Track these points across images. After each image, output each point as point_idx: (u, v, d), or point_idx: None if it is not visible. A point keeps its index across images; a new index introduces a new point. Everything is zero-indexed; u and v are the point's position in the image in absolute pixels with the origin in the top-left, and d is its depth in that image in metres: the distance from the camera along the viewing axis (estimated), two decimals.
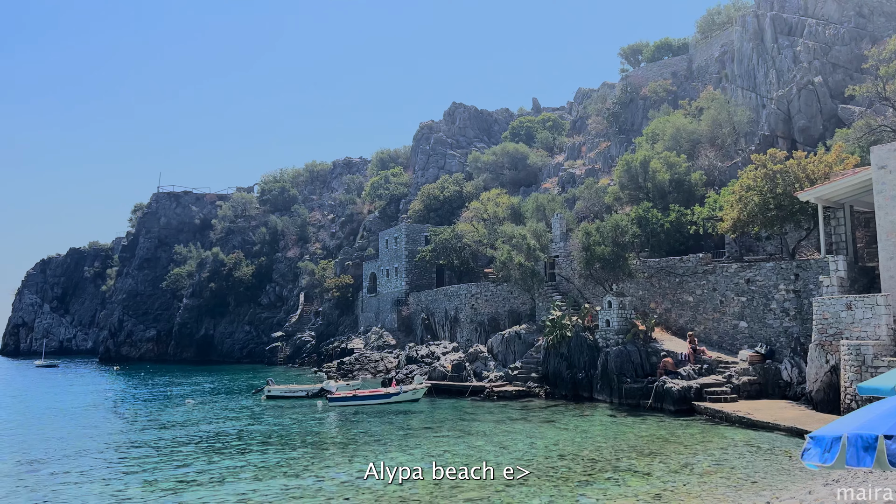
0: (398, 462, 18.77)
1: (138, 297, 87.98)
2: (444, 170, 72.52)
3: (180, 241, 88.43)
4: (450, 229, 54.95)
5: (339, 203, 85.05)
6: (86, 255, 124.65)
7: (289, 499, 15.00)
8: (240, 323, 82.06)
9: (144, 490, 16.25)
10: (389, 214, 72.70)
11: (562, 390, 32.30)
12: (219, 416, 30.23)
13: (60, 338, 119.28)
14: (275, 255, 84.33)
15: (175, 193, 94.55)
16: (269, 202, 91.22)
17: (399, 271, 59.84)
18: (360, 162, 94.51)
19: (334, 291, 69.67)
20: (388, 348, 55.32)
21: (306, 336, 69.60)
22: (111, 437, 25.14)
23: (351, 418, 28.73)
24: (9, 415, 32.56)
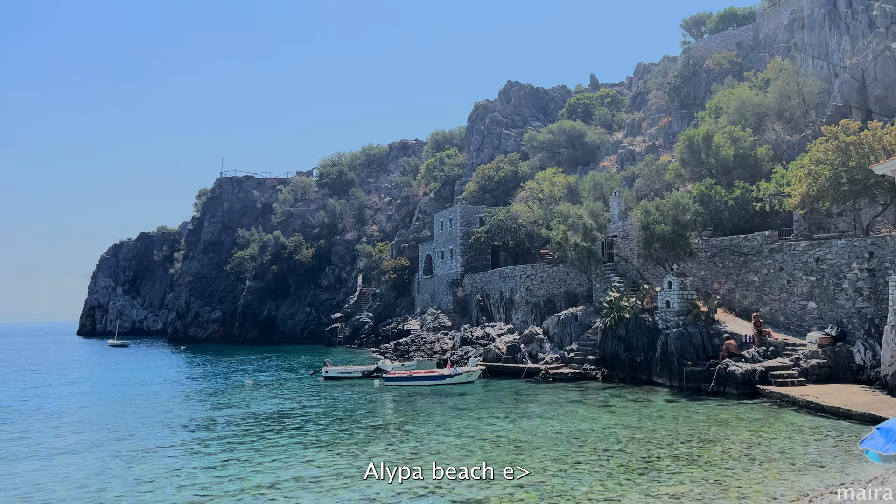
0: (441, 445, 18.67)
1: (204, 279, 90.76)
2: (499, 150, 71.74)
3: (243, 225, 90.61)
4: (505, 210, 54.38)
5: (394, 185, 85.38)
6: (155, 239, 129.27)
7: (341, 477, 15.07)
8: (301, 304, 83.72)
9: (205, 466, 16.63)
10: (444, 196, 72.53)
11: (619, 373, 31.62)
12: (278, 395, 30.83)
13: (132, 319, 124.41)
14: (333, 238, 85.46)
15: (237, 178, 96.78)
16: (327, 186, 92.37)
17: (454, 253, 59.70)
18: (415, 144, 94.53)
19: (391, 273, 70.14)
20: (443, 330, 55.41)
21: (364, 317, 70.44)
22: (175, 415, 25.93)
23: (406, 398, 28.84)
24: (84, 392, 34.03)
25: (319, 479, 15.08)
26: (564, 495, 13.35)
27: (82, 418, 25.20)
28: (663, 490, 13.71)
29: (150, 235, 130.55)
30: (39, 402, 30.16)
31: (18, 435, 21.52)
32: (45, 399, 31.08)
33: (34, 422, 24.27)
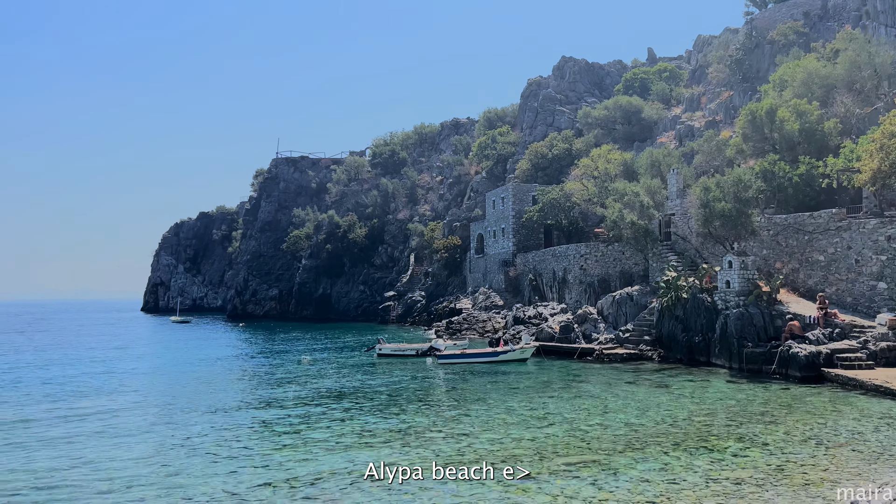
0: (494, 422, 18.69)
1: (261, 258, 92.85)
2: (553, 127, 70.73)
3: (298, 205, 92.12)
4: (558, 188, 53.70)
5: (446, 164, 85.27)
6: (214, 218, 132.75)
7: (400, 454, 15.27)
8: (355, 283, 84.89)
9: (263, 440, 17.09)
10: (496, 174, 72.08)
11: (676, 354, 31.04)
12: (333, 372, 31.41)
13: (193, 296, 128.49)
14: (386, 217, 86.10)
15: (293, 159, 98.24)
16: (379, 165, 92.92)
17: (506, 232, 59.39)
18: (467, 122, 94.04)
19: (443, 252, 70.34)
20: (495, 309, 55.36)
21: (417, 296, 70.96)
22: (235, 389, 26.71)
23: (459, 376, 28.99)
24: (149, 367, 35.37)
25: (374, 448, 15.31)
26: (620, 476, 13.21)
27: (147, 392, 26.20)
28: (724, 474, 13.42)
29: (210, 215, 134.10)
30: (108, 375, 31.48)
31: (87, 408, 22.52)
32: (112, 373, 32.42)
33: (102, 395, 25.35)
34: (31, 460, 15.04)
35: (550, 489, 12.39)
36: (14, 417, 20.26)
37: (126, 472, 13.93)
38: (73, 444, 16.63)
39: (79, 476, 13.72)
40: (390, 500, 11.86)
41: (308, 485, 12.86)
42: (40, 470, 14.19)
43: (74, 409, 21.86)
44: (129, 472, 13.94)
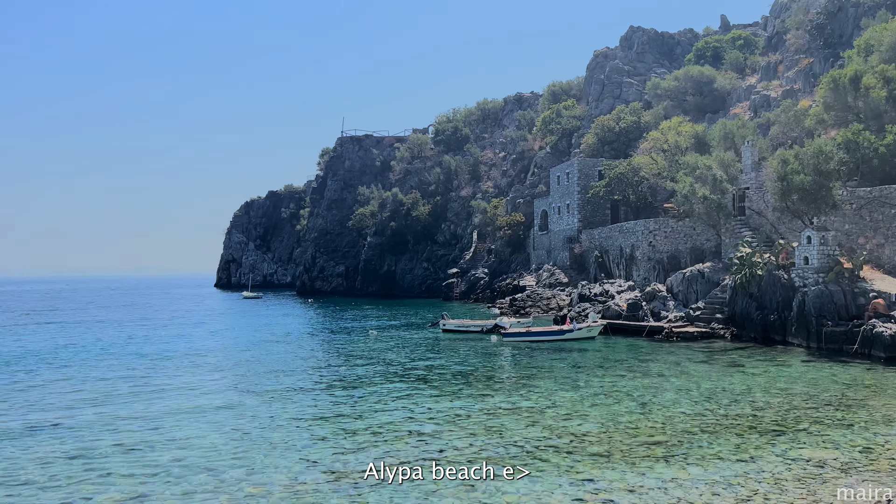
0: (560, 399, 18.54)
1: (328, 235, 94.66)
2: (620, 99, 68.92)
3: (363, 183, 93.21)
4: (626, 162, 52.44)
5: (510, 140, 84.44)
6: (282, 197, 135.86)
7: (462, 428, 15.36)
8: (418, 260, 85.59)
9: (332, 413, 17.48)
10: (561, 150, 70.94)
11: (749, 332, 30.06)
12: (399, 346, 31.83)
13: (264, 272, 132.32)
14: (449, 195, 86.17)
15: (357, 137, 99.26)
16: (442, 142, 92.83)
17: (571, 208, 58.51)
18: (531, 97, 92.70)
19: (506, 229, 69.95)
20: (559, 286, 54.81)
21: (480, 273, 70.96)
22: (306, 363, 27.40)
23: (525, 353, 28.90)
24: (224, 341, 36.67)
25: (439, 423, 15.44)
26: (693, 455, 12.91)
27: (223, 366, 27.16)
28: (804, 454, 12.94)
29: (278, 194, 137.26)
30: (186, 349, 32.79)
31: (167, 379, 23.52)
32: (190, 346, 33.75)
33: (180, 368, 26.43)
34: (116, 430, 15.83)
35: (621, 468, 12.22)
36: (98, 389, 21.36)
37: (203, 443, 14.48)
38: (152, 415, 17.42)
39: (158, 445, 14.36)
40: (460, 475, 11.94)
41: (377, 458, 13.08)
42: (124, 439, 14.92)
43: (155, 381, 22.87)
44: (207, 443, 14.49)
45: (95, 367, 25.58)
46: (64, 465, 12.62)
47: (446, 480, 11.57)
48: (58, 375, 23.62)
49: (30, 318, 52.97)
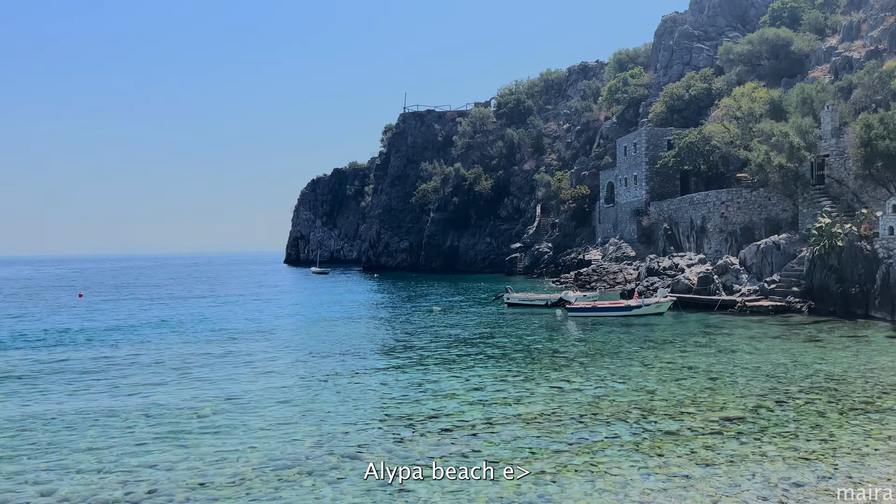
0: (627, 373, 18.23)
1: (392, 211, 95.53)
2: (690, 66, 66.43)
3: (425, 158, 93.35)
4: (696, 131, 50.67)
5: (574, 111, 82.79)
6: (347, 174, 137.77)
7: (526, 402, 15.33)
8: (481, 235, 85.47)
9: (398, 386, 17.74)
10: (628, 120, 69.09)
11: (828, 306, 28.80)
12: (463, 321, 31.96)
13: (331, 249, 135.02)
14: (512, 168, 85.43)
15: (419, 113, 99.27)
16: (505, 115, 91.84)
17: (638, 179, 57.10)
18: (596, 66, 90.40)
19: (570, 203, 68.96)
20: (626, 260, 53.80)
21: (543, 247, 70.35)
22: (373, 337, 27.87)
23: (591, 328, 28.56)
24: (294, 315, 37.68)
25: (507, 395, 15.44)
26: (768, 432, 12.49)
27: (293, 340, 27.90)
28: (886, 433, 12.33)
29: (343, 171, 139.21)
30: (257, 323, 33.85)
31: (242, 355, 24.34)
32: (262, 321, 34.82)
33: (253, 341, 27.31)
34: (195, 398, 16.51)
35: (693, 444, 11.95)
36: (174, 359, 22.31)
37: (274, 413, 14.94)
38: (227, 384, 18.07)
39: (232, 412, 14.90)
40: (521, 448, 11.94)
41: (437, 432, 13.21)
42: (200, 407, 15.54)
43: (229, 352, 23.71)
44: (277, 413, 14.94)
45: (173, 343, 26.70)
46: (151, 439, 13.24)
47: (512, 458, 11.59)
48: (139, 350, 24.78)
49: (111, 296, 55.71)
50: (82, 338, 27.80)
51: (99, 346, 25.54)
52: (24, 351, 24.49)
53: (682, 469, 10.69)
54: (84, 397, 16.64)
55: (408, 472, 10.60)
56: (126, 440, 12.79)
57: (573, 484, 10.14)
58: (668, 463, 10.99)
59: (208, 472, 10.86)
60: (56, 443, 12.70)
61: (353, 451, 11.91)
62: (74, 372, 20.11)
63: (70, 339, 27.61)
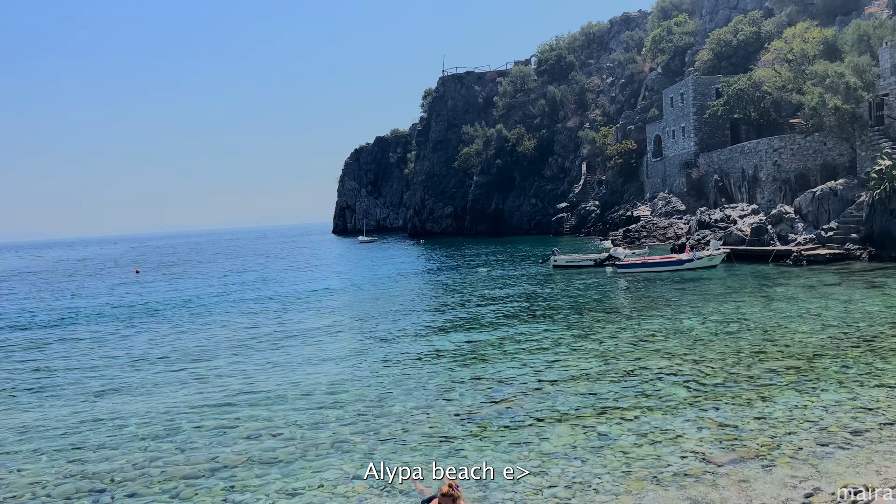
0: (683, 328, 17.96)
1: (435, 177, 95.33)
2: (738, 10, 63.71)
3: (466, 122, 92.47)
4: (745, 77, 48.79)
5: (617, 64, 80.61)
6: (389, 142, 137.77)
7: (584, 361, 15.29)
8: (526, 196, 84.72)
9: (447, 349, 17.91)
10: (674, 69, 66.95)
11: (890, 252, 27.73)
12: (512, 283, 31.92)
13: (377, 217, 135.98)
14: (555, 127, 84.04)
15: (458, 75, 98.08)
16: (546, 73, 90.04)
17: (686, 131, 55.50)
18: (639, 16, 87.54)
19: (617, 158, 67.61)
20: (676, 214, 52.69)
21: (590, 206, 69.39)
22: (421, 301, 28.11)
23: (641, 285, 28.19)
24: (345, 283, 38.25)
25: (557, 357, 15.44)
26: (825, 381, 12.19)
27: (345, 307, 28.35)
28: None
29: (385, 139, 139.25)
30: (310, 291, 34.48)
31: (294, 320, 24.86)
32: (315, 289, 35.44)
33: (306, 310, 27.85)
34: (246, 375, 17.00)
35: (748, 395, 11.76)
36: (230, 331, 22.95)
37: (326, 379, 15.28)
38: (286, 361, 18.54)
39: (284, 385, 15.31)
40: (575, 405, 11.95)
41: (486, 392, 13.30)
42: (253, 380, 15.99)
43: (282, 322, 24.26)
44: (329, 379, 15.27)
45: (231, 314, 27.44)
46: (210, 411, 13.71)
47: (567, 418, 11.63)
48: (197, 322, 25.55)
49: (167, 270, 57.44)
50: (177, 311, 28.82)
51: (158, 319, 26.42)
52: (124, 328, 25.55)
53: (738, 420, 10.54)
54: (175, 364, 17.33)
55: (459, 433, 10.75)
56: (188, 417, 13.28)
57: (624, 435, 10.12)
58: (722, 415, 10.85)
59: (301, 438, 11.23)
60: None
61: (419, 416, 12.13)
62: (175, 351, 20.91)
63: (153, 312, 28.64)
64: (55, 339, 23.02)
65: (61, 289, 44.17)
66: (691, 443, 9.77)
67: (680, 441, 9.85)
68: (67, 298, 37.14)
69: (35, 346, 21.68)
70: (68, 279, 53.85)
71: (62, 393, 15.08)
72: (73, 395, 14.78)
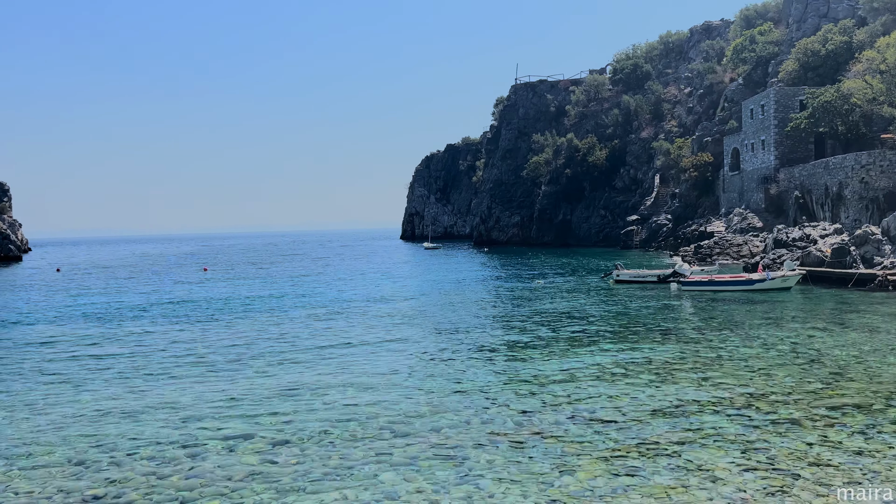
0: (743, 355, 16.50)
1: (503, 185, 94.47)
2: (827, 18, 60.22)
3: (537, 130, 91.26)
4: (833, 89, 45.88)
5: (696, 74, 77.76)
6: (460, 150, 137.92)
7: (629, 386, 14.19)
8: (595, 207, 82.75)
9: (493, 361, 17.10)
10: (755, 80, 63.92)
11: None
12: (566, 296, 30.74)
13: (444, 224, 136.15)
14: (628, 137, 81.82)
15: (531, 84, 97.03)
16: (621, 82, 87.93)
17: (766, 144, 52.70)
18: (720, 25, 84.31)
19: (692, 171, 65.03)
20: (752, 231, 50.03)
21: (662, 219, 66.99)
22: (476, 311, 27.34)
23: (706, 305, 26.54)
24: (407, 288, 37.94)
25: (603, 378, 14.37)
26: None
27: (404, 312, 27.91)
28: None
29: (456, 147, 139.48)
30: (373, 296, 34.29)
31: (357, 324, 24.56)
32: (377, 294, 35.25)
33: (368, 315, 27.56)
34: (311, 373, 16.65)
35: (807, 436, 10.45)
36: (288, 332, 22.81)
37: (386, 382, 14.72)
38: (340, 358, 18.16)
39: (346, 385, 14.84)
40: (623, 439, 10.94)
41: (521, 412, 12.41)
42: (316, 384, 15.61)
43: (344, 326, 24.00)
44: (390, 382, 14.70)
45: (296, 316, 27.45)
46: (278, 400, 13.38)
47: (599, 447, 10.65)
48: (266, 321, 25.62)
49: (239, 270, 58.77)
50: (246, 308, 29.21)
51: (227, 318, 26.69)
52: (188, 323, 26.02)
53: (791, 465, 9.31)
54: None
55: (480, 457, 9.95)
56: (259, 406, 12.98)
57: (659, 474, 9.06)
58: (774, 457, 9.62)
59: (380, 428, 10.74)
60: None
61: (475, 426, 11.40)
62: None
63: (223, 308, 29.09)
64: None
65: (158, 280, 45.73)
66: (730, 487, 8.63)
67: (719, 483, 8.73)
68: (177, 289, 38.29)
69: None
70: (170, 270, 55.86)
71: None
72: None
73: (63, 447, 10.89)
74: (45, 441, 11.24)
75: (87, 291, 39.37)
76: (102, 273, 57.35)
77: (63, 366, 17.64)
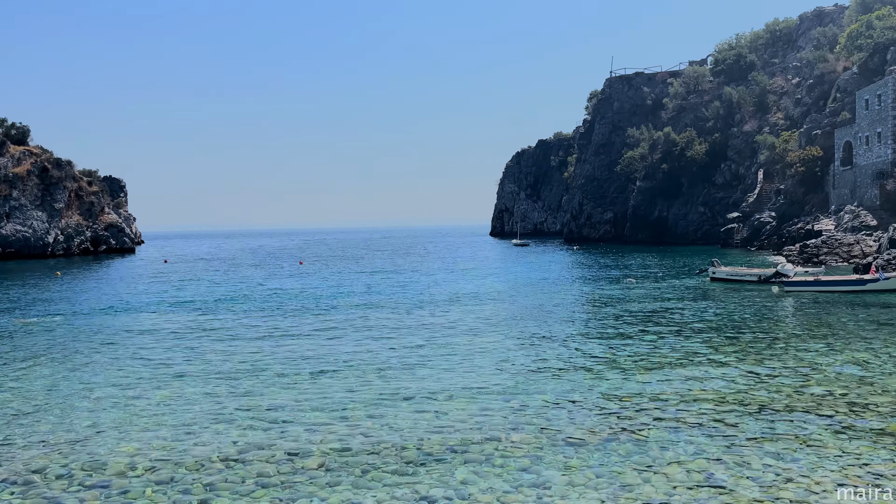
0: (846, 363, 15.37)
1: (595, 181, 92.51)
2: None
3: (633, 124, 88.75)
4: None
5: (805, 63, 73.26)
6: (551, 145, 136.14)
7: (713, 398, 13.55)
8: (693, 204, 79.67)
9: (578, 362, 16.78)
10: (872, 69, 59.46)
11: None
12: (658, 295, 29.73)
13: (534, 221, 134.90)
14: (729, 131, 78.21)
15: (626, 76, 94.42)
16: (723, 73, 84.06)
17: (883, 136, 49.00)
18: (834, 10, 79.00)
19: (798, 166, 61.34)
20: (865, 230, 46.68)
21: (765, 217, 63.64)
22: (560, 308, 26.94)
23: (811, 307, 24.97)
24: (489, 286, 37.95)
25: (689, 386, 13.79)
26: None
27: (487, 309, 27.92)
28: None
29: (547, 142, 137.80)
30: (458, 293, 34.52)
31: (443, 321, 24.82)
32: (463, 290, 35.45)
33: (454, 310, 27.76)
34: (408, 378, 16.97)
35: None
36: (375, 326, 23.30)
37: (468, 381, 14.80)
38: (427, 354, 18.40)
39: (427, 379, 15.04)
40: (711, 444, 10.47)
41: (603, 413, 12.08)
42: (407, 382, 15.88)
43: (432, 320, 24.29)
44: (472, 382, 14.78)
45: (384, 310, 28.05)
46: (364, 391, 13.79)
47: (683, 453, 10.24)
48: (353, 315, 26.31)
49: (337, 265, 60.56)
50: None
51: (316, 310, 27.61)
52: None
53: (890, 479, 8.59)
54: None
55: (558, 458, 9.77)
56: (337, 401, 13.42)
57: (742, 485, 8.58)
58: (874, 472, 8.91)
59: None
60: None
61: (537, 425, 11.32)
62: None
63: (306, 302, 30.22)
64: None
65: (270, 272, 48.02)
66: (828, 502, 8.05)
67: (814, 498, 8.16)
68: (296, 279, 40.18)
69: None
70: (271, 262, 58.57)
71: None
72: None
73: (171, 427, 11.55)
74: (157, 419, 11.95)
75: (210, 283, 41.69)
76: (206, 265, 60.59)
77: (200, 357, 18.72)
